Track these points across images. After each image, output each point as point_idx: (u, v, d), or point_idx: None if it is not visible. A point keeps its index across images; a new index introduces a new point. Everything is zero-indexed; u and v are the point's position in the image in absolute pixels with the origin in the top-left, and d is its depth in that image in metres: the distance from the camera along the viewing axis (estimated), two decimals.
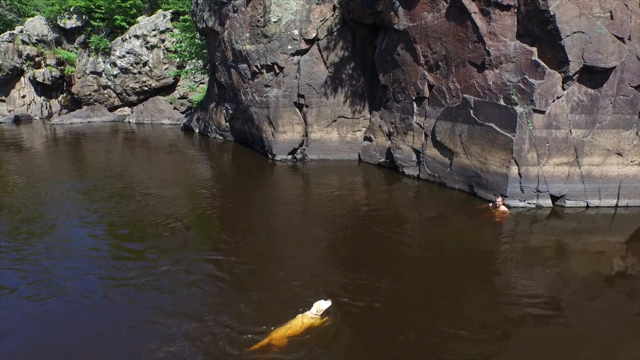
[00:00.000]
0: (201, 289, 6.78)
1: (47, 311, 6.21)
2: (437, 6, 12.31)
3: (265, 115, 17.25)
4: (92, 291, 6.75)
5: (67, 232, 9.41)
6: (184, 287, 6.83)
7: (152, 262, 7.77)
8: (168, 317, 6.02)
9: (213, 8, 19.43)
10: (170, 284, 6.92)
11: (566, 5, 10.02)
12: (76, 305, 6.37)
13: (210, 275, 7.30)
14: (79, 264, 7.69)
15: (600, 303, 6.57)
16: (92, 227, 9.76)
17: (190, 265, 7.58)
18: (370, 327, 5.87)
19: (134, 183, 13.74)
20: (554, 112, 10.68)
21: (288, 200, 12.27)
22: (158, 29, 31.79)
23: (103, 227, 9.72)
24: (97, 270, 7.47)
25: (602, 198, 10.98)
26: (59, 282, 7.01)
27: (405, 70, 14.01)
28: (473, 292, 6.80)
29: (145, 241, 8.82)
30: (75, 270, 7.44)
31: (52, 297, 6.59)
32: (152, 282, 7.03)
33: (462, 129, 12.07)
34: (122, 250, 8.40)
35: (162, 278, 7.14)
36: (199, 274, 7.31)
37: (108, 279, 7.14)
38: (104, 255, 8.16)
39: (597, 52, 10.17)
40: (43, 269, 7.49)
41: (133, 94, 33.54)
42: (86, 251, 8.31)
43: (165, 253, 8.14)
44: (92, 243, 8.80)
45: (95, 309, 6.30)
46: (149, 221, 9.95)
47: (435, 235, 9.46)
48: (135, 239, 9.05)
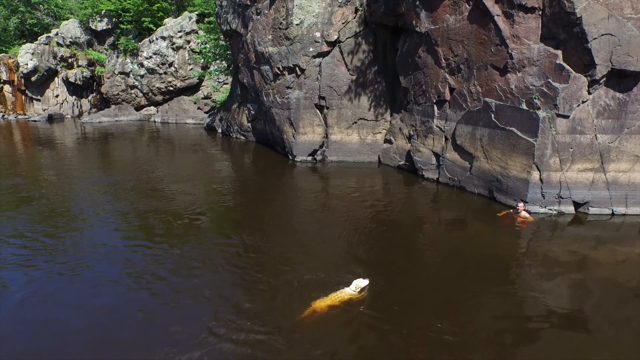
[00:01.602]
0: (235, 274, 6.98)
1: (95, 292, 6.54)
2: (459, 9, 12.20)
3: (286, 116, 17.44)
4: (122, 282, 7.05)
5: (92, 225, 9.82)
6: (212, 272, 7.06)
7: (176, 249, 8.04)
8: (203, 293, 6.25)
9: (237, 10, 19.75)
10: (197, 269, 7.20)
11: (594, 7, 9.77)
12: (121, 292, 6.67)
13: (240, 265, 7.49)
14: (103, 255, 8.03)
15: (623, 315, 6.40)
16: (115, 219, 10.19)
17: (213, 256, 7.80)
18: (386, 328, 5.90)
19: (158, 179, 14.17)
20: (579, 116, 10.43)
21: (307, 200, 12.40)
22: (184, 31, 32.50)
23: (126, 220, 10.09)
24: (119, 263, 7.78)
25: (628, 206, 10.66)
26: (83, 272, 7.36)
27: (426, 73, 13.93)
28: (490, 298, 6.74)
29: (170, 234, 9.10)
30: (99, 259, 7.77)
31: (73, 277, 6.94)
32: (184, 268, 7.28)
33: (483, 132, 11.92)
34: (150, 240, 8.70)
35: (186, 265, 7.39)
36: (225, 262, 7.52)
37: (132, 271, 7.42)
38: (127, 246, 8.47)
39: (627, 55, 9.87)
40: (70, 255, 7.87)
41: (159, 94, 34.40)
42: (108, 242, 8.64)
43: (187, 242, 8.43)
44: (114, 235, 9.21)
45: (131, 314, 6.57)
46: (172, 215, 10.28)
47: (454, 240, 9.40)
48: (159, 233, 9.33)
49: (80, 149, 21.00)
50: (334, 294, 6.47)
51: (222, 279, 7.33)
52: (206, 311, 6.28)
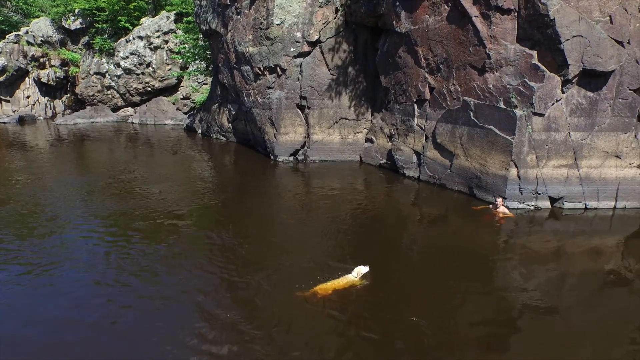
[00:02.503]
0: (214, 270, 6.94)
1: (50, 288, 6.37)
2: (438, 9, 12.45)
3: (268, 116, 17.41)
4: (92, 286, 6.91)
5: (66, 227, 9.60)
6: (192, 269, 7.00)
7: (153, 250, 7.93)
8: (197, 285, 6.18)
9: (216, 10, 19.61)
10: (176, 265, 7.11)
11: (566, 10, 10.14)
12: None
13: (218, 263, 7.45)
14: (76, 256, 7.85)
15: (598, 303, 6.67)
16: (90, 222, 9.96)
17: (193, 256, 7.73)
18: (370, 322, 5.99)
19: (136, 181, 13.95)
20: (553, 115, 10.79)
21: (289, 199, 12.42)
22: (161, 30, 32.04)
23: (101, 222, 9.89)
24: (94, 268, 7.62)
25: (600, 200, 11.09)
26: (54, 273, 7.18)
27: (406, 72, 14.15)
28: (472, 291, 6.90)
29: (149, 236, 8.96)
30: (72, 263, 7.60)
31: (44, 285, 6.76)
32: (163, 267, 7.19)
33: (463, 131, 12.19)
34: (127, 242, 8.55)
35: (167, 263, 7.31)
36: (206, 261, 7.46)
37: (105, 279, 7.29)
38: (101, 249, 8.30)
39: (597, 55, 10.28)
40: (42, 257, 7.66)
41: (136, 95, 33.79)
42: (84, 244, 8.46)
43: (166, 243, 8.31)
44: (89, 237, 9.02)
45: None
46: (150, 217, 10.12)
47: (435, 236, 9.58)
48: (136, 235, 9.18)
49: (54, 151, 20.44)
50: (337, 280, 6.84)
51: (203, 280, 7.24)
52: (190, 314, 6.17)
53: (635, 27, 10.41)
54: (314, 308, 6.31)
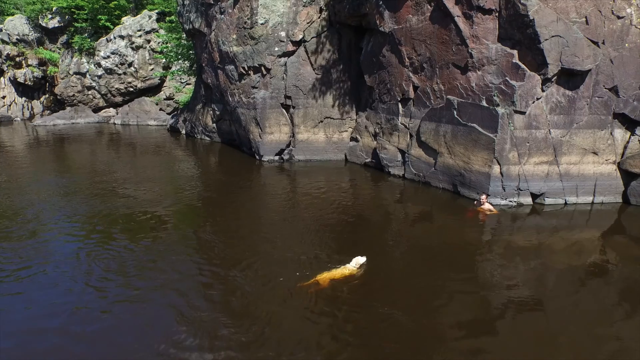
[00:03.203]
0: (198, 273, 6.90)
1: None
2: (421, 9, 12.61)
3: (252, 116, 17.35)
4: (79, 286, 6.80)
5: (42, 230, 9.39)
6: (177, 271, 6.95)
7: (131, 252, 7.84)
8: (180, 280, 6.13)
9: (199, 9, 19.46)
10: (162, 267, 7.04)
11: (544, 10, 10.39)
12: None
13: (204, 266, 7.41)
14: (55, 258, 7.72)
15: (578, 296, 6.86)
16: (68, 224, 9.78)
17: (178, 256, 7.68)
18: (358, 315, 6.04)
19: (119, 182, 13.74)
20: (534, 113, 11.04)
21: (275, 198, 12.41)
22: (143, 30, 31.61)
23: (80, 224, 9.72)
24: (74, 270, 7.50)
25: (579, 195, 11.39)
26: (34, 278, 7.04)
27: (390, 71, 14.28)
28: (457, 286, 7.02)
29: (131, 237, 8.84)
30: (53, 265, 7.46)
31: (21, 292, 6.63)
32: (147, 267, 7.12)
33: (446, 129, 12.37)
34: (108, 244, 8.43)
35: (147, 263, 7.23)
36: (191, 261, 7.42)
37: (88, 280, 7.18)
38: (78, 252, 8.17)
39: (574, 55, 10.56)
40: (21, 260, 7.50)
41: (118, 95, 33.25)
42: (65, 246, 8.31)
43: (149, 245, 8.22)
44: (67, 240, 8.85)
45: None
46: (132, 218, 9.99)
47: (421, 233, 9.71)
48: (116, 236, 9.04)
49: (33, 153, 19.98)
50: (336, 270, 7.14)
51: (186, 280, 7.13)
52: (171, 316, 6.10)
53: (609, 28, 10.73)
54: (299, 306, 6.33)
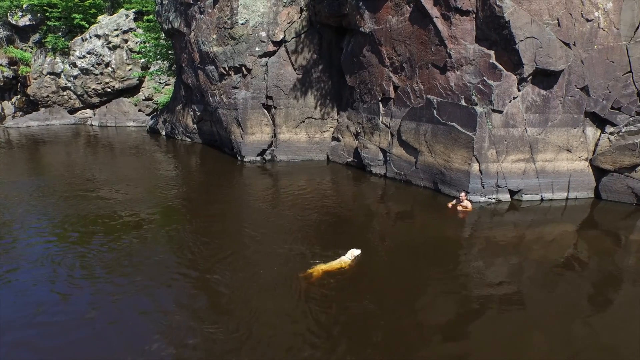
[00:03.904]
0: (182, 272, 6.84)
1: None
2: (400, 10, 12.79)
3: (234, 116, 17.26)
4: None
5: (13, 232, 9.16)
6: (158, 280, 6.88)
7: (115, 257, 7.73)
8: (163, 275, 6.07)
9: (179, 9, 19.24)
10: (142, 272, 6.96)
11: (519, 12, 10.68)
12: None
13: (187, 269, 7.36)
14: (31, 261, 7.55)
15: (554, 287, 7.10)
16: (41, 226, 9.59)
17: (159, 259, 7.60)
18: (342, 309, 6.11)
19: (95, 183, 13.49)
20: (511, 111, 11.34)
21: (258, 199, 12.39)
22: (120, 29, 31.01)
23: (53, 226, 9.52)
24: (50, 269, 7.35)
25: (554, 191, 11.75)
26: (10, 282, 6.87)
27: (371, 71, 14.43)
28: (439, 282, 7.18)
29: (110, 239, 8.70)
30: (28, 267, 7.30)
31: None
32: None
33: (427, 128, 12.58)
34: (86, 248, 8.28)
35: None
36: (173, 262, 7.36)
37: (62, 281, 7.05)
38: (50, 255, 8.01)
39: (548, 56, 10.89)
40: None
41: (95, 96, 32.53)
42: (41, 249, 8.14)
43: (128, 248, 8.11)
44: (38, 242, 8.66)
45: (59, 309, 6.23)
46: (109, 220, 9.83)
47: (403, 230, 9.85)
48: (92, 239, 8.86)
49: (4, 155, 19.38)
50: (333, 262, 7.47)
51: (167, 282, 7.13)
52: (154, 321, 6.04)
53: (579, 30, 11.11)
54: (284, 305, 6.36)
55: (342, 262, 7.51)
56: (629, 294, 7.00)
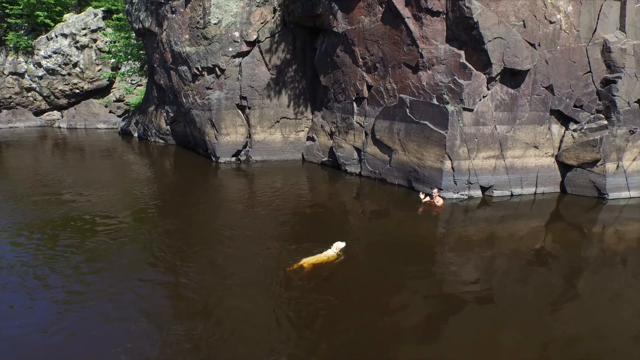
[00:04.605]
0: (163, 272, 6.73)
1: None
2: (373, 10, 12.95)
3: (208, 117, 17.08)
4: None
5: None
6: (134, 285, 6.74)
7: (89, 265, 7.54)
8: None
9: (149, 8, 18.88)
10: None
11: (487, 14, 10.99)
12: None
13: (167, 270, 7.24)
14: None
15: (525, 280, 7.33)
16: (10, 231, 9.25)
17: (132, 263, 7.46)
18: (322, 308, 6.15)
19: (64, 186, 13.10)
20: (481, 110, 11.65)
21: (233, 200, 12.29)
22: (89, 28, 30.13)
23: (15, 231, 9.21)
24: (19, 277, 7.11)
25: (523, 187, 12.15)
26: None
27: (344, 71, 14.55)
28: (415, 278, 7.30)
29: (80, 245, 8.47)
30: None
31: None
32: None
33: (400, 127, 12.78)
34: (54, 253, 8.04)
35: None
36: (148, 267, 7.23)
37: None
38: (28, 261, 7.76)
39: (514, 56, 11.25)
40: None
41: (62, 97, 31.48)
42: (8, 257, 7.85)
43: (99, 254, 7.92)
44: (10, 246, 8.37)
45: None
46: (77, 223, 9.57)
47: (378, 228, 9.99)
48: (62, 243, 8.59)
49: None
50: (319, 255, 7.68)
51: (139, 287, 6.91)
52: (129, 326, 5.88)
53: (543, 31, 11.53)
54: (261, 304, 6.36)
55: (328, 255, 7.70)
56: (593, 284, 7.32)
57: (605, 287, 7.14)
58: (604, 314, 6.23)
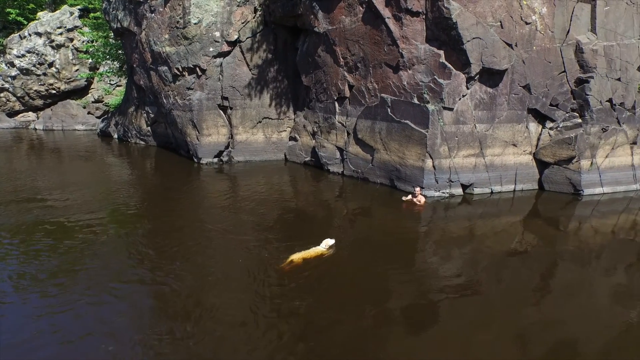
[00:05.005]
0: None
1: None
2: (353, 10, 13.02)
3: (189, 118, 16.90)
4: None
5: None
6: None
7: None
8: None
9: (128, 7, 18.57)
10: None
11: (465, 14, 11.18)
12: None
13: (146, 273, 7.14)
14: None
15: (505, 275, 7.49)
16: None
17: (112, 267, 7.34)
18: (305, 318, 6.17)
19: (42, 190, 12.72)
20: (461, 109, 11.84)
21: (215, 200, 12.20)
22: (64, 27, 29.42)
23: None
24: None
25: (503, 184, 12.40)
26: None
27: (326, 71, 14.59)
28: (398, 276, 7.37)
29: (57, 249, 8.29)
30: None
31: None
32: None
33: (381, 126, 12.88)
34: (29, 258, 7.84)
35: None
36: (128, 271, 7.12)
37: None
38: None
39: (493, 56, 11.47)
40: None
41: (38, 98, 30.67)
42: None
43: (77, 258, 7.77)
44: None
45: None
46: (59, 226, 9.34)
47: (361, 227, 10.05)
48: (41, 248, 8.43)
49: None
50: (309, 250, 7.89)
51: (118, 290, 6.80)
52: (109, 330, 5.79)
53: (519, 32, 11.79)
54: (244, 304, 6.34)
55: (317, 251, 7.91)
56: (570, 277, 7.52)
57: (581, 280, 7.36)
58: (580, 305, 6.42)
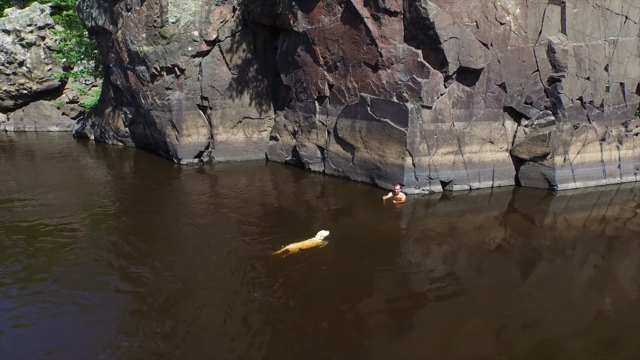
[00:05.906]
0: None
1: None
2: (332, 10, 13.08)
3: (168, 118, 16.67)
4: None
5: None
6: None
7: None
8: None
9: (103, 5, 18.17)
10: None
11: (442, 14, 11.36)
12: None
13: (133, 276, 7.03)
14: None
15: (485, 270, 7.67)
16: None
17: (89, 272, 7.21)
18: (281, 316, 6.19)
19: (14, 191, 12.37)
20: (439, 107, 12.04)
21: (196, 201, 12.07)
22: (35, 25, 28.49)
23: None
24: None
25: (481, 181, 12.67)
26: None
27: (306, 70, 14.61)
28: (380, 273, 7.46)
29: (30, 252, 8.08)
30: None
31: None
32: None
33: (362, 125, 12.99)
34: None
35: None
36: (107, 275, 7.00)
37: None
38: None
39: (469, 55, 11.70)
40: None
41: (8, 98, 29.65)
42: None
43: (53, 260, 7.59)
44: None
45: None
46: (31, 229, 9.12)
47: (343, 224, 10.12)
48: (13, 252, 8.20)
49: None
50: (304, 241, 8.17)
51: (98, 293, 6.71)
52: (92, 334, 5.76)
53: (494, 32, 12.06)
54: (229, 303, 6.31)
55: (313, 242, 8.20)
56: (547, 271, 7.74)
57: (557, 272, 7.59)
58: (556, 296, 6.63)
